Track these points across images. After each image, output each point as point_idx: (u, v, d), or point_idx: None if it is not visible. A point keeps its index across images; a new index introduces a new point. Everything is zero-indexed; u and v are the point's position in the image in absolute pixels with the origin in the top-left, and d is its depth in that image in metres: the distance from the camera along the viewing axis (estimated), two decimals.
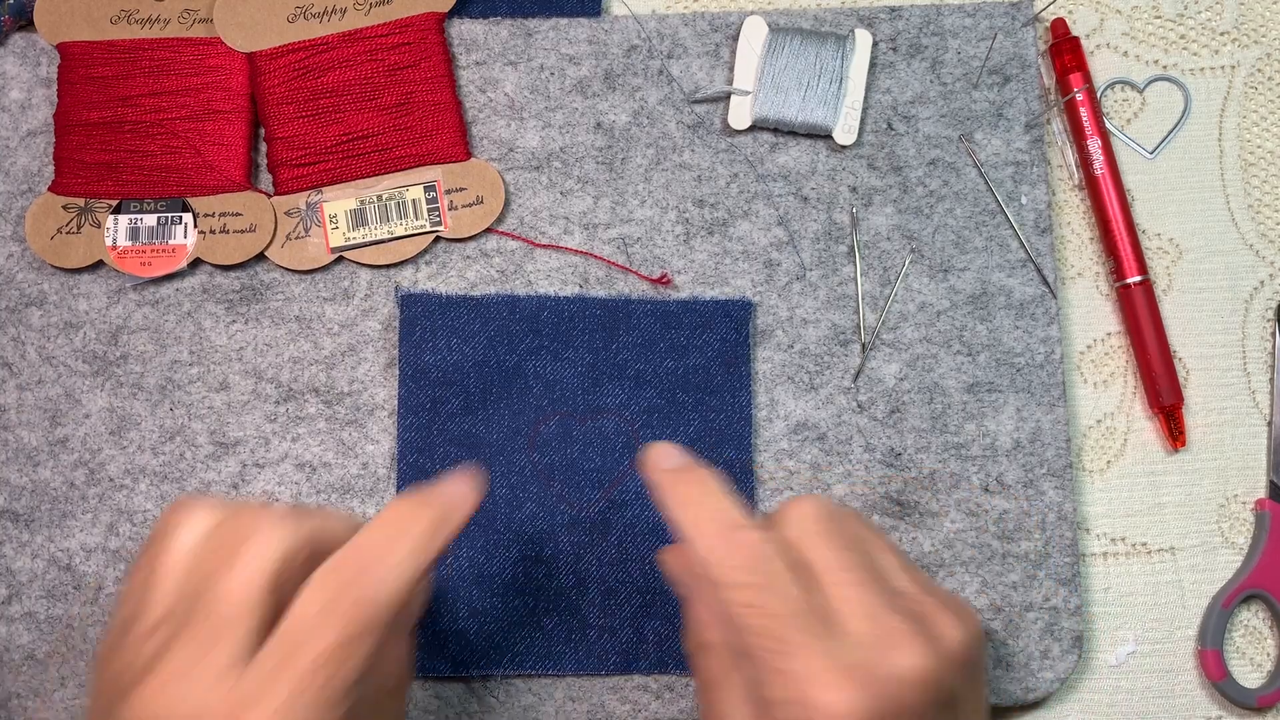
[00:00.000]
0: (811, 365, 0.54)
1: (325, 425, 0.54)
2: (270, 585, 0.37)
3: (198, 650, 0.36)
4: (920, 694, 0.40)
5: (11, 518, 0.53)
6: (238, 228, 0.54)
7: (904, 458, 0.54)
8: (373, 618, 0.37)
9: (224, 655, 0.36)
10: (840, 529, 0.43)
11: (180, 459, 0.53)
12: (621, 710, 0.52)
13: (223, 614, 0.36)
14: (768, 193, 0.55)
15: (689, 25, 0.56)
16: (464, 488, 0.42)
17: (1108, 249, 0.56)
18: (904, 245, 0.55)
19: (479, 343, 0.54)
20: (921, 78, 0.56)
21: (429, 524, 0.40)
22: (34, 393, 0.54)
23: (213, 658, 0.36)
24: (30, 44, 0.56)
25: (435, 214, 0.54)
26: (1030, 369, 0.54)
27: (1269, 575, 0.54)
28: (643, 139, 0.55)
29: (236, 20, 0.54)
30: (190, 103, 0.54)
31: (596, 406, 0.53)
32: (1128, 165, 0.57)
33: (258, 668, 0.36)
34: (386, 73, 0.54)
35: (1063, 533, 0.53)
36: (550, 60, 0.56)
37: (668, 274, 0.55)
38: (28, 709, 0.52)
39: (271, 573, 0.37)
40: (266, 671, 0.35)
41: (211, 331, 0.54)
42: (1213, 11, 0.58)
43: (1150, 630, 0.55)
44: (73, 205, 0.54)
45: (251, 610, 0.37)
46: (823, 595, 0.42)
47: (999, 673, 0.53)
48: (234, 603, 0.37)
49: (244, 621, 0.36)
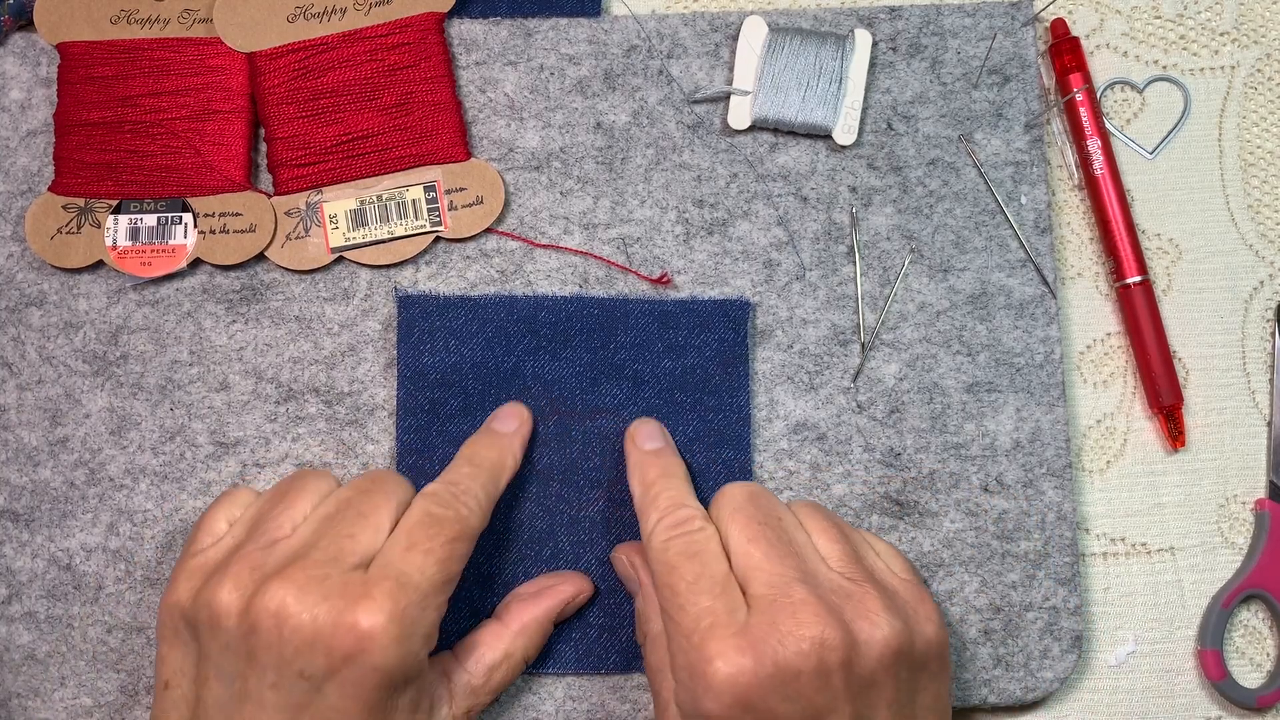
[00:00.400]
0: (811, 365, 0.54)
1: (325, 425, 0.54)
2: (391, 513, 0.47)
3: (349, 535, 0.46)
4: (813, 662, 0.42)
5: (11, 518, 0.53)
6: (238, 228, 0.54)
7: (904, 458, 0.54)
8: (463, 532, 0.47)
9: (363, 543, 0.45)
10: (756, 504, 0.48)
11: (180, 459, 0.53)
12: (621, 710, 0.52)
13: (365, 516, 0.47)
14: (767, 193, 0.55)
15: (689, 25, 0.56)
16: (513, 425, 0.52)
17: (1108, 249, 0.56)
18: (904, 245, 0.55)
19: (477, 344, 0.54)
20: (921, 78, 0.56)
21: (494, 464, 0.50)
22: (34, 393, 0.54)
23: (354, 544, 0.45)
24: (30, 44, 0.56)
25: (435, 214, 0.54)
26: (1030, 369, 0.54)
27: (1269, 575, 0.54)
28: (643, 139, 0.55)
29: (236, 20, 0.54)
30: (190, 103, 0.54)
31: (595, 407, 0.53)
32: (1128, 165, 0.57)
33: (392, 544, 0.46)
34: (386, 73, 0.55)
35: (1062, 533, 0.53)
36: (550, 60, 0.56)
37: (667, 274, 0.55)
38: (28, 709, 0.52)
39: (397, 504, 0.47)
40: (398, 549, 0.45)
41: (211, 331, 0.54)
42: (1213, 11, 0.58)
43: (1150, 630, 0.55)
44: (73, 205, 0.54)
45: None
46: (735, 568, 0.46)
47: (998, 672, 0.53)
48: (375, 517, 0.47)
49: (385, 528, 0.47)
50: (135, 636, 0.52)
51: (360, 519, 0.46)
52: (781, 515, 0.48)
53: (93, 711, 0.52)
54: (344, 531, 0.45)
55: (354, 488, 0.48)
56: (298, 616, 0.42)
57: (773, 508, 0.48)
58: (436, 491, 0.47)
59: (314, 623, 0.42)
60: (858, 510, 0.53)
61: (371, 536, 0.46)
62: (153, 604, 0.52)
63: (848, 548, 0.47)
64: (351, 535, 0.45)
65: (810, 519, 0.49)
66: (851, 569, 0.46)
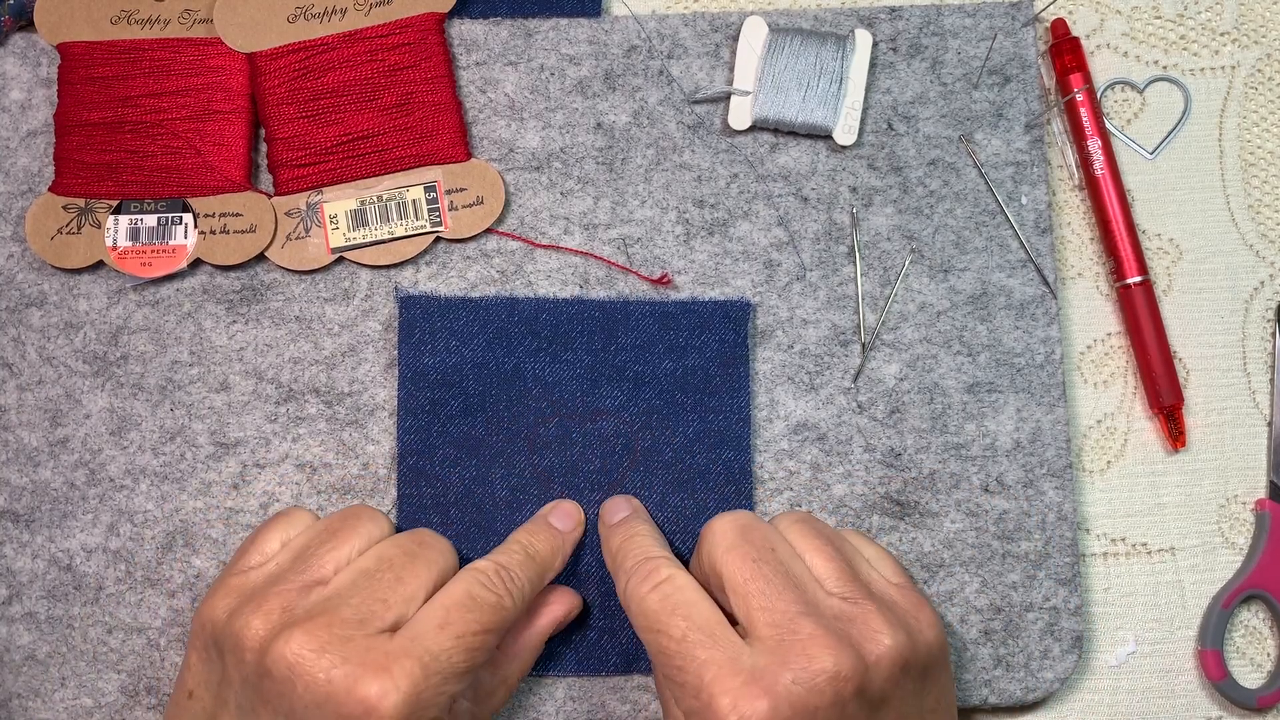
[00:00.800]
0: (811, 365, 0.54)
1: (326, 426, 0.54)
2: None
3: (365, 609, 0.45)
4: (829, 696, 0.42)
5: (12, 518, 0.53)
6: (238, 228, 0.54)
7: (904, 458, 0.54)
8: (500, 623, 0.46)
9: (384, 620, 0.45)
10: (748, 540, 0.46)
11: (181, 459, 0.53)
12: (621, 710, 0.52)
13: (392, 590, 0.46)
14: (768, 193, 0.55)
15: (689, 25, 0.56)
16: (569, 525, 0.52)
17: (1108, 249, 0.56)
18: (904, 245, 0.55)
19: (478, 345, 0.54)
20: (921, 78, 0.56)
21: (545, 560, 0.50)
22: (34, 393, 0.54)
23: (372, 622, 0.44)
24: (30, 44, 0.56)
25: (435, 214, 0.54)
26: (1030, 369, 0.54)
27: (1269, 575, 0.54)
28: (643, 139, 0.55)
29: (236, 20, 0.54)
30: (190, 103, 0.54)
31: (595, 408, 0.53)
32: (1128, 165, 0.57)
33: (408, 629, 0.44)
34: (387, 73, 0.54)
35: (1063, 533, 0.53)
36: (550, 60, 0.56)
37: (668, 274, 0.55)
38: (28, 709, 0.52)
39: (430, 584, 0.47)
40: (431, 625, 0.44)
41: (212, 332, 0.54)
42: (1213, 12, 0.58)
43: (1150, 630, 0.55)
44: (73, 205, 0.54)
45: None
46: (736, 608, 0.45)
47: (999, 672, 0.53)
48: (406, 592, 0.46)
49: (419, 599, 0.46)
50: (135, 637, 0.52)
51: (397, 584, 0.45)
52: (775, 545, 0.47)
53: (93, 712, 0.52)
54: (378, 594, 0.45)
55: (400, 546, 0.47)
56: (312, 674, 0.42)
57: (765, 539, 0.47)
58: (484, 570, 0.47)
59: (328, 684, 0.42)
60: (858, 510, 0.53)
61: (404, 606, 0.45)
62: (153, 604, 0.52)
63: (842, 564, 0.47)
64: (384, 600, 0.45)
65: (800, 538, 0.48)
66: (849, 588, 0.46)
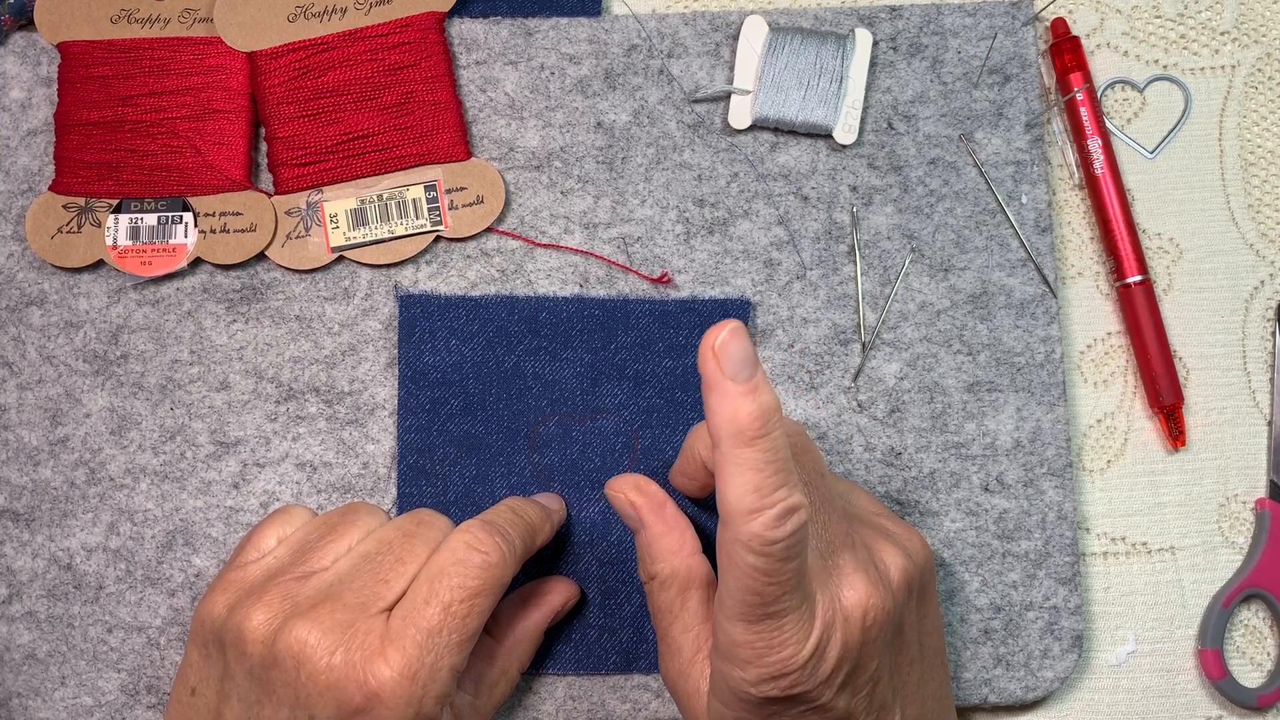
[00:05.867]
0: (811, 365, 0.54)
1: (326, 425, 0.54)
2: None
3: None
4: (868, 627, 0.43)
5: (12, 517, 0.53)
6: (238, 227, 0.54)
7: (904, 457, 0.54)
8: (485, 585, 0.45)
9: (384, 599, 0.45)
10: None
11: (181, 458, 0.53)
12: (622, 710, 0.52)
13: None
14: (768, 192, 0.55)
15: (689, 25, 0.56)
16: (555, 505, 0.52)
17: (1108, 249, 0.56)
18: (904, 245, 0.55)
19: (478, 343, 0.54)
20: (922, 77, 0.56)
21: (535, 520, 0.49)
22: (34, 392, 0.54)
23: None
24: (30, 43, 0.56)
25: (435, 213, 0.54)
26: (1030, 368, 0.54)
27: (1269, 575, 0.54)
28: (643, 138, 0.55)
29: (236, 20, 0.54)
30: (190, 102, 0.54)
31: (596, 407, 0.53)
32: (1128, 165, 0.57)
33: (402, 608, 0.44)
34: (387, 72, 0.54)
35: (1063, 532, 0.53)
36: (550, 60, 0.56)
37: (668, 273, 0.55)
38: (28, 709, 0.52)
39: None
40: (418, 600, 0.44)
41: (212, 331, 0.54)
42: (1213, 11, 0.58)
43: (1150, 630, 0.55)
44: (73, 205, 0.54)
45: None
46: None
47: (999, 672, 0.53)
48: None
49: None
50: (135, 636, 0.52)
51: (398, 565, 0.45)
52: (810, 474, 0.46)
53: (93, 711, 0.52)
54: (379, 576, 0.45)
55: (399, 528, 0.47)
56: (316, 661, 0.42)
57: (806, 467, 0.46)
58: (470, 529, 0.46)
59: (330, 671, 0.42)
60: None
61: (404, 584, 0.45)
62: (153, 603, 0.52)
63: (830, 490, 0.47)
64: (385, 581, 0.45)
65: None
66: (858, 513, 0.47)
